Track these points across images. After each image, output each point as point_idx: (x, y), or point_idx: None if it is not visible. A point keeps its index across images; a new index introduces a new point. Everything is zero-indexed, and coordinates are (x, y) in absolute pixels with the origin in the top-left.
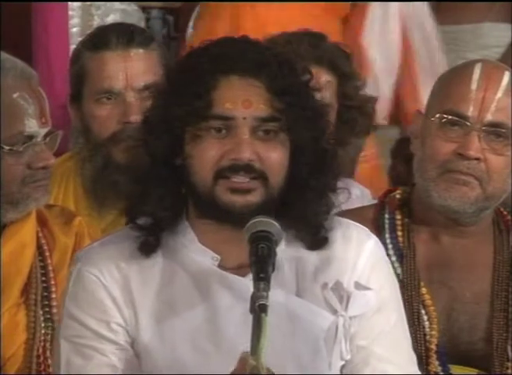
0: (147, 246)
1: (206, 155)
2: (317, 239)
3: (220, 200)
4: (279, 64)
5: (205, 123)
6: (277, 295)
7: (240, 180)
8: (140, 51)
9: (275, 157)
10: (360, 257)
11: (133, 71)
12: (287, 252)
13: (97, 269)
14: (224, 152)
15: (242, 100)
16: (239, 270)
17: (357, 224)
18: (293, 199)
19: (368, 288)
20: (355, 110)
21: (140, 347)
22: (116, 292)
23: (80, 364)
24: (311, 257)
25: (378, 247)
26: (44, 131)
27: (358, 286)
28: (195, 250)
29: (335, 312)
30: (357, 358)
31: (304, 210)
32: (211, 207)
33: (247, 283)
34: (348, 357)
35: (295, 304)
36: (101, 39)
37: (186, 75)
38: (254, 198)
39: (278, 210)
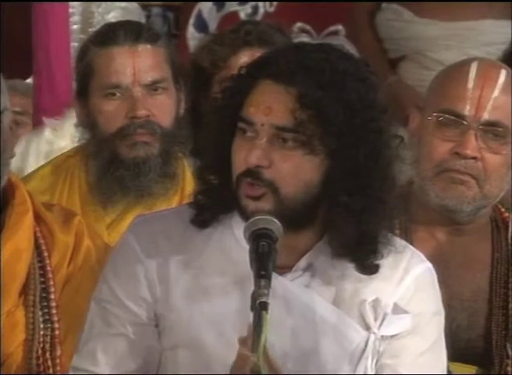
0: (201, 218)
1: (234, 156)
2: (364, 264)
3: (240, 203)
4: (321, 74)
5: (239, 123)
6: (313, 300)
7: (250, 185)
8: (148, 46)
9: (288, 167)
10: (406, 278)
11: (140, 66)
12: (333, 263)
13: (139, 241)
14: (243, 156)
15: (264, 106)
16: (280, 269)
17: (414, 249)
18: (329, 216)
19: (406, 312)
20: None
21: (166, 323)
22: (152, 268)
23: (99, 328)
24: (357, 272)
25: (429, 274)
26: None
27: (396, 308)
28: (246, 244)
29: (368, 328)
30: None
31: (335, 228)
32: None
33: (284, 283)
34: (372, 373)
35: (330, 312)
36: (109, 35)
37: (238, 73)
38: (266, 205)
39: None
